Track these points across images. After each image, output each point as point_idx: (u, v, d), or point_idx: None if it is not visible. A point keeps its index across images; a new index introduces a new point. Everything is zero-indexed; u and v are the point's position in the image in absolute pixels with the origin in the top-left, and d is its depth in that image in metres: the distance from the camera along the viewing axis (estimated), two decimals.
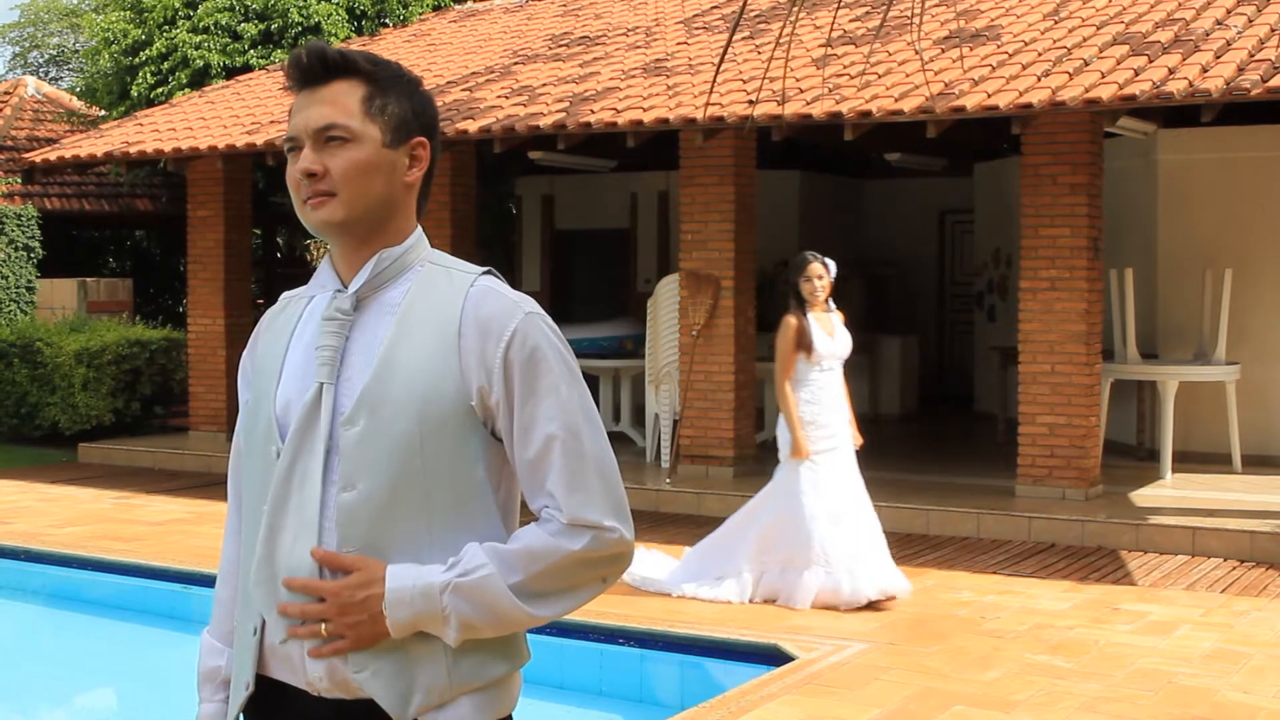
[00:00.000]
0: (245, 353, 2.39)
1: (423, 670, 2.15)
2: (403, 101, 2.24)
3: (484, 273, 2.24)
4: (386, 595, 2.10)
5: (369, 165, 2.19)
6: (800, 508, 7.46)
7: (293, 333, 2.28)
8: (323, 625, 2.12)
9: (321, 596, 2.12)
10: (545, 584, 2.14)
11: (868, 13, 12.63)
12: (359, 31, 17.80)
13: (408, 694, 2.14)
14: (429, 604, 2.10)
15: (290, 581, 2.14)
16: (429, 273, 2.23)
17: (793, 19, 2.97)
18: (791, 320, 7.53)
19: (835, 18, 5.29)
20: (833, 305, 7.69)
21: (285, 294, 2.39)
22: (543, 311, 2.21)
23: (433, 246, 2.30)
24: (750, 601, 7.57)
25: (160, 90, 17.01)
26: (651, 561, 8.07)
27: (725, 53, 3.04)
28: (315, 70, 2.22)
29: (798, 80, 10.72)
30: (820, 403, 7.51)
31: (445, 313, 2.17)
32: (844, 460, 7.58)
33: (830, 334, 7.58)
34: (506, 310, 2.17)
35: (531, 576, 2.13)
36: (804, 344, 7.49)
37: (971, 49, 10.73)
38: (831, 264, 7.63)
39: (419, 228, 2.29)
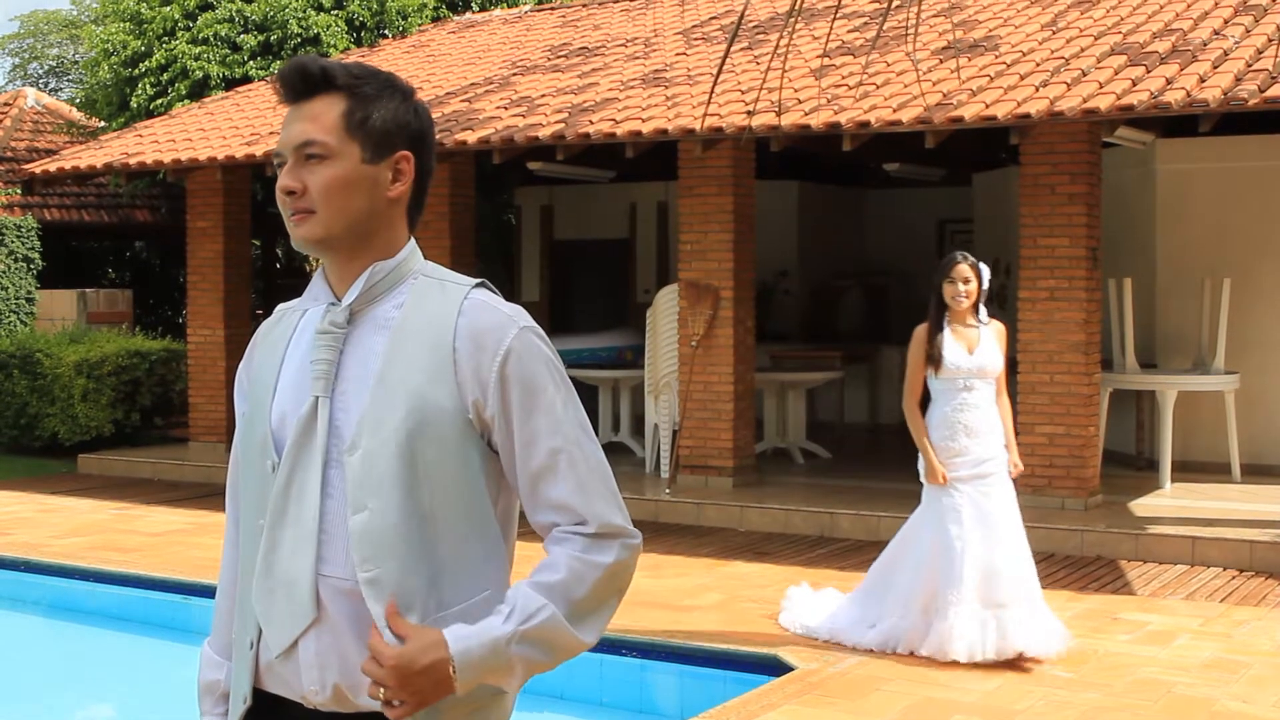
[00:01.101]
0: (241, 365, 2.39)
1: None
2: (386, 115, 2.21)
3: (477, 285, 2.23)
4: (454, 659, 2.06)
5: (346, 182, 2.18)
6: (938, 540, 6.58)
7: (288, 345, 2.28)
8: (380, 689, 2.07)
9: (380, 661, 2.06)
10: (588, 606, 2.15)
11: (866, 23, 12.65)
12: (358, 43, 17.83)
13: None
14: (497, 658, 2.09)
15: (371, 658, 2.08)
16: (422, 285, 2.23)
17: (789, 30, 2.99)
18: (919, 329, 6.74)
19: (832, 28, 5.30)
20: (985, 316, 6.80)
21: (280, 306, 2.38)
22: (536, 325, 2.21)
23: (432, 258, 2.30)
24: (894, 652, 6.66)
25: (160, 101, 17.04)
26: (811, 606, 7.31)
27: (723, 63, 3.05)
28: (297, 86, 2.21)
29: (796, 91, 10.74)
30: (952, 425, 6.59)
31: (439, 326, 2.17)
32: (989, 492, 6.59)
33: (970, 347, 6.65)
34: (500, 324, 2.17)
35: (577, 602, 2.14)
36: (931, 356, 6.65)
37: (970, 59, 10.75)
38: (985, 269, 6.77)
39: (412, 240, 2.28)
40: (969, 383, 6.59)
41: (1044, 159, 10.13)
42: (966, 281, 6.67)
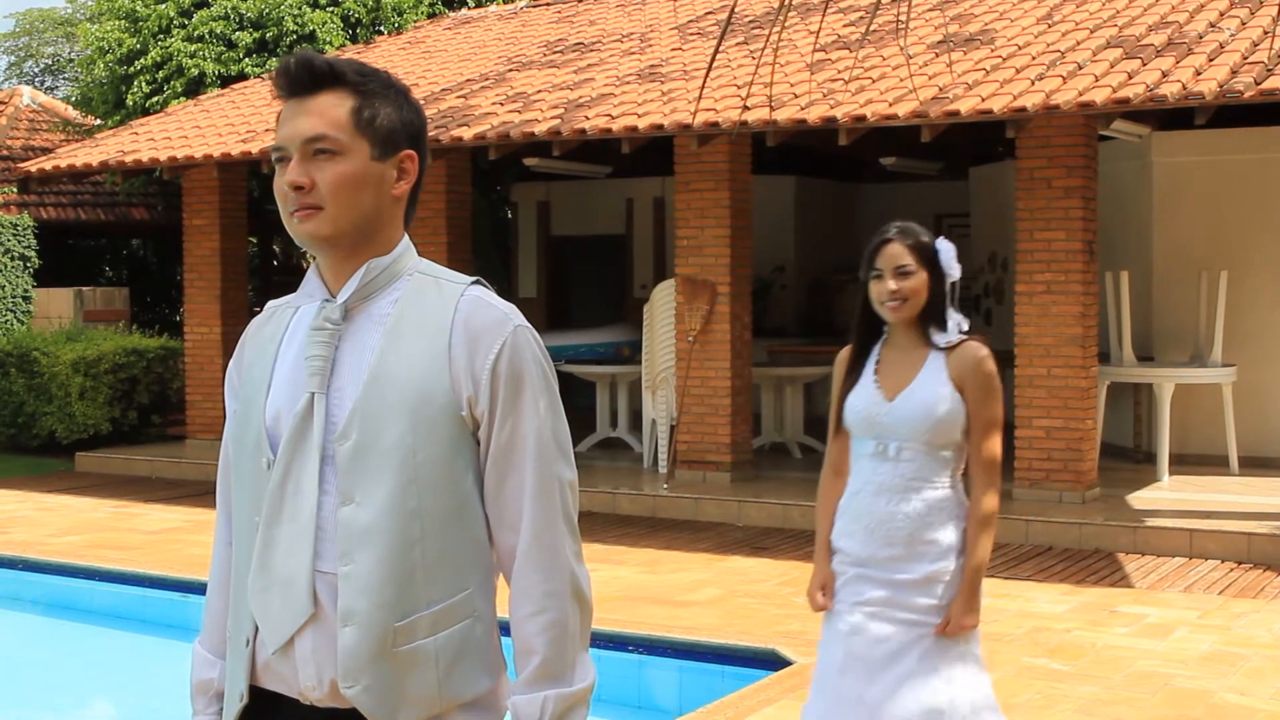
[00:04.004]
0: (231, 362, 2.39)
1: (412, 684, 2.16)
2: (391, 113, 2.22)
3: (473, 283, 2.24)
4: None
5: (357, 179, 2.18)
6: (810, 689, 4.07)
7: (281, 342, 2.28)
8: None
9: None
10: (573, 656, 2.20)
11: (862, 18, 12.65)
12: (354, 39, 17.81)
13: (397, 707, 2.15)
14: None
15: None
16: (418, 282, 2.23)
17: (779, 23, 2.99)
18: (840, 355, 4.12)
19: (822, 23, 5.30)
20: (954, 331, 3.92)
21: (271, 303, 2.38)
22: (529, 325, 2.23)
23: (429, 255, 2.31)
24: None
25: (155, 99, 17.02)
26: None
27: (714, 57, 3.05)
28: (303, 80, 2.20)
29: (792, 85, 10.74)
30: (851, 515, 3.99)
31: (435, 323, 2.18)
32: (891, 651, 3.84)
33: (897, 384, 3.91)
34: (498, 322, 2.18)
35: (564, 666, 2.18)
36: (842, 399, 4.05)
37: (965, 53, 10.75)
38: (947, 248, 3.94)
39: (406, 237, 2.29)
40: (887, 446, 3.91)
41: (1040, 152, 10.13)
42: (903, 273, 3.87)
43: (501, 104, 12.13)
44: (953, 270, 3.93)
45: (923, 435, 3.85)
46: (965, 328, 3.95)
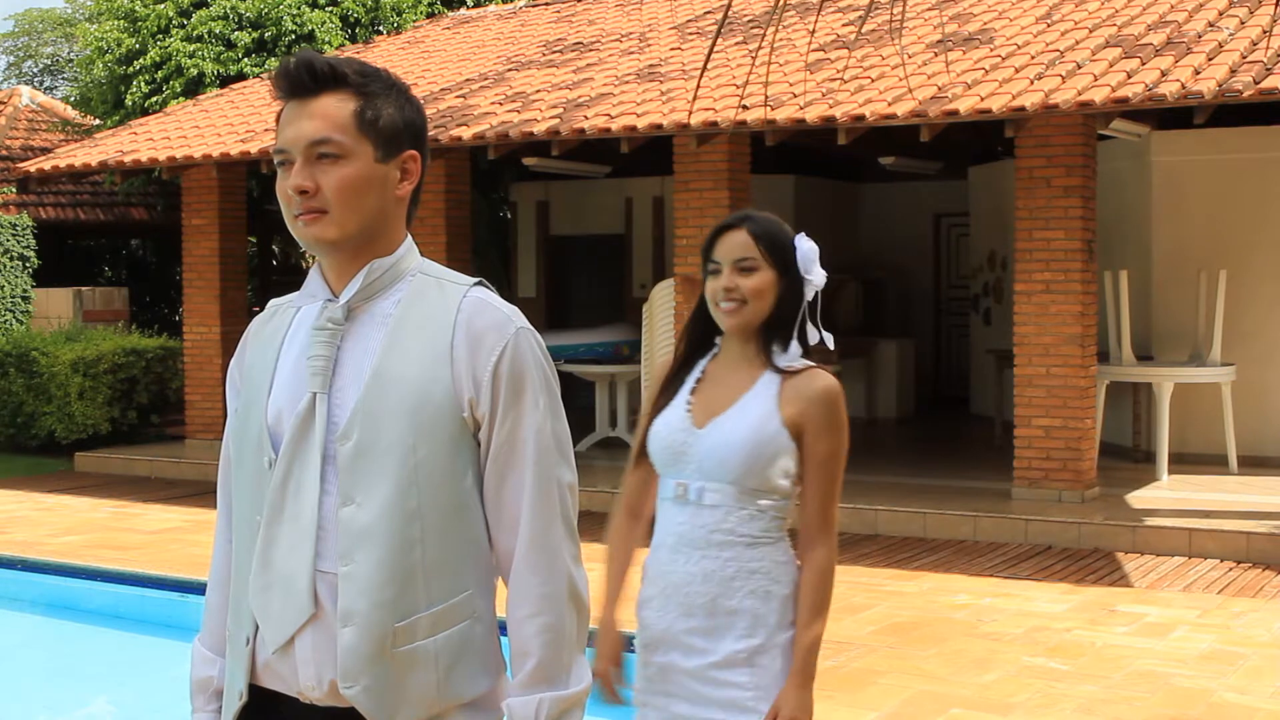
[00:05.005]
0: (233, 361, 2.39)
1: (412, 684, 2.16)
2: (394, 113, 2.21)
3: (475, 284, 2.24)
4: None
5: (362, 182, 2.17)
6: None
7: (283, 342, 2.28)
8: None
9: None
10: (570, 658, 2.20)
11: (861, 17, 12.65)
12: (353, 39, 17.81)
13: (396, 708, 2.15)
14: None
15: None
16: (420, 283, 2.23)
17: (775, 23, 2.99)
18: (659, 364, 3.32)
19: (817, 22, 5.29)
20: (795, 353, 3.13)
21: (273, 301, 2.38)
22: (531, 327, 2.23)
23: (428, 254, 2.30)
24: None
25: (154, 99, 17.02)
26: None
27: (709, 57, 3.05)
28: (304, 82, 2.18)
29: (790, 85, 10.74)
30: (649, 575, 3.20)
31: (438, 323, 2.18)
32: None
33: (711, 408, 3.05)
34: (500, 324, 2.18)
35: (560, 669, 2.19)
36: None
37: (965, 53, 10.75)
38: (806, 246, 3.27)
39: (409, 237, 2.29)
40: (688, 486, 3.05)
41: (1039, 152, 10.13)
42: (744, 268, 3.15)
43: (501, 104, 12.13)
44: (813, 274, 3.17)
45: (731, 474, 2.97)
46: (830, 345, 3.16)
